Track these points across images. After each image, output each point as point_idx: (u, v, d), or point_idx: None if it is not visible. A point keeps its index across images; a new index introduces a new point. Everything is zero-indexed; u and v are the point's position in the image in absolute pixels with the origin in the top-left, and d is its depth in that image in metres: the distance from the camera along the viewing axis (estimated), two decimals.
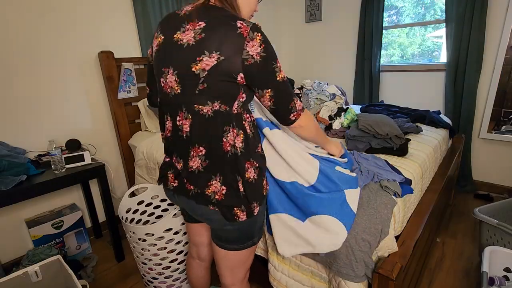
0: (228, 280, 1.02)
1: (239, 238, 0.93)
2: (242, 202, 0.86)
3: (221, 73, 0.74)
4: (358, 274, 0.96)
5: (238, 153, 0.83)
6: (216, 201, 0.85)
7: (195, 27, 0.76)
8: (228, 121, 0.80)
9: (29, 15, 1.69)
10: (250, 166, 0.86)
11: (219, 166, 0.83)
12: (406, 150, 1.50)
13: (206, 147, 0.82)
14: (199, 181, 0.85)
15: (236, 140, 0.82)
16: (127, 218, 1.56)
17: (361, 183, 1.13)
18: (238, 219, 0.86)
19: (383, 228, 1.01)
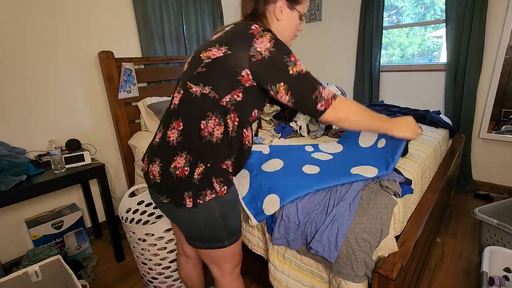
0: (216, 273, 1.03)
1: (201, 237, 0.91)
2: (192, 188, 0.84)
3: (223, 65, 0.78)
4: (359, 274, 0.96)
5: (213, 142, 0.84)
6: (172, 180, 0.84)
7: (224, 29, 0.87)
8: (213, 108, 0.82)
9: (29, 15, 1.69)
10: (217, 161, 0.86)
11: (190, 145, 0.84)
12: (406, 150, 1.50)
13: (184, 124, 0.84)
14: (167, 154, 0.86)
15: (216, 130, 0.83)
16: (127, 218, 1.56)
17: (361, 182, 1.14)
18: (185, 204, 0.84)
19: (383, 228, 1.01)
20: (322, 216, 1.04)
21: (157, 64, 2.32)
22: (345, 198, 1.06)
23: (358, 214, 1.02)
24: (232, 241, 0.96)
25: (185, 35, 2.48)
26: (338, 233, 0.97)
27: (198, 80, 0.82)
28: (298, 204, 1.09)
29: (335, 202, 1.06)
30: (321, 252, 0.98)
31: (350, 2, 2.93)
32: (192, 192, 0.84)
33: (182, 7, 2.42)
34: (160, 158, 0.87)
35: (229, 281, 1.03)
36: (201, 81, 0.81)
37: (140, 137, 2.10)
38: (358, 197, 1.08)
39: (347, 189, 1.11)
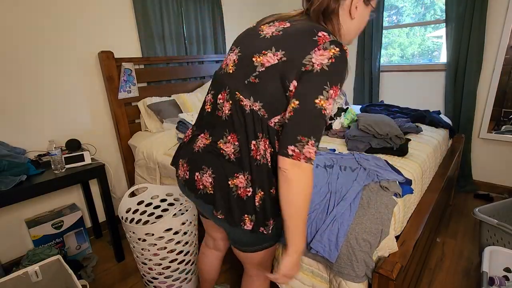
0: (253, 271, 1.00)
1: (250, 242, 0.88)
2: (255, 213, 0.78)
3: (276, 75, 0.68)
4: (359, 274, 0.96)
5: (268, 165, 0.76)
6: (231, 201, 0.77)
7: (280, 25, 0.74)
8: (262, 128, 0.73)
9: (29, 15, 1.69)
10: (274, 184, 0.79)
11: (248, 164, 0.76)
12: (406, 150, 1.50)
13: (240, 141, 0.75)
14: (225, 169, 0.78)
15: (266, 153, 0.76)
16: (127, 218, 1.56)
17: (361, 183, 1.14)
18: (244, 226, 0.79)
19: (384, 228, 1.01)
20: (322, 216, 1.04)
21: (157, 64, 2.32)
22: (346, 198, 1.06)
23: (359, 214, 1.03)
24: (273, 242, 0.92)
25: (185, 35, 2.48)
26: (339, 233, 0.97)
27: (248, 92, 0.72)
28: None
29: (336, 202, 1.06)
30: (321, 252, 0.98)
31: None
32: (256, 216, 0.78)
33: (182, 7, 2.41)
34: (212, 169, 0.79)
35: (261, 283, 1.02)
36: (252, 94, 0.71)
37: (140, 137, 2.10)
38: (359, 197, 1.08)
39: (347, 189, 1.11)
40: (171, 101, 2.25)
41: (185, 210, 1.54)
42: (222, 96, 0.78)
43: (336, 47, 0.66)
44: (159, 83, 2.36)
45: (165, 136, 1.93)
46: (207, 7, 2.60)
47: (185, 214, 1.41)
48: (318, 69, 0.64)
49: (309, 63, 0.65)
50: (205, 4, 2.58)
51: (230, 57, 0.79)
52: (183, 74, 2.47)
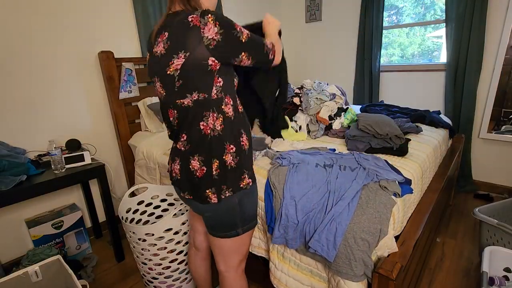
0: (222, 266, 1.06)
1: (220, 225, 0.97)
2: (213, 185, 0.90)
3: (191, 66, 0.81)
4: (357, 273, 0.96)
5: (217, 135, 0.89)
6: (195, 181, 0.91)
7: (163, 38, 0.85)
8: (208, 107, 0.87)
9: (29, 15, 1.69)
10: (228, 151, 0.91)
11: (198, 148, 0.90)
12: (406, 150, 1.50)
13: (186, 134, 0.91)
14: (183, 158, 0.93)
15: (216, 123, 0.88)
16: (127, 218, 1.56)
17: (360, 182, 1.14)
18: (211, 201, 0.91)
19: (382, 228, 1.01)
20: (321, 215, 1.04)
21: None
22: (344, 197, 1.06)
23: (357, 214, 1.03)
24: (246, 229, 1.00)
25: None
26: (337, 232, 0.98)
27: (183, 94, 0.86)
28: (297, 204, 1.09)
29: (334, 201, 1.07)
30: (319, 251, 0.98)
31: (350, 2, 2.93)
32: (215, 188, 0.91)
33: None
34: (179, 158, 0.95)
35: (233, 276, 1.06)
36: (186, 93, 0.85)
37: (140, 137, 2.10)
38: (357, 196, 1.08)
39: (346, 188, 1.11)
40: None
41: (185, 210, 1.54)
42: (170, 114, 0.94)
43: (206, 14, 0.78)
44: None
45: (165, 136, 1.93)
46: None
47: (185, 214, 1.41)
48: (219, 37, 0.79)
49: (209, 40, 0.79)
50: None
51: (157, 86, 0.93)
52: None
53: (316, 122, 1.91)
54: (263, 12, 3.21)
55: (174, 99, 0.88)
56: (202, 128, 0.88)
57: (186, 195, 0.96)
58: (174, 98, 0.88)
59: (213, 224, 0.99)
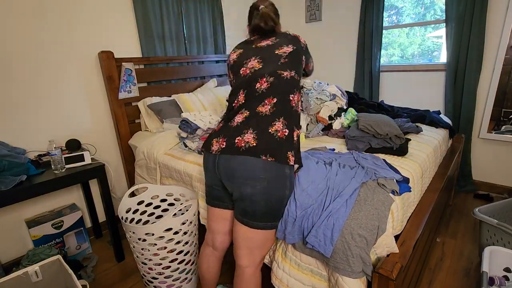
0: (245, 261, 1.08)
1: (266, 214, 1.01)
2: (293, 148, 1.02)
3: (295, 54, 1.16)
4: (355, 269, 0.96)
5: (298, 111, 1.11)
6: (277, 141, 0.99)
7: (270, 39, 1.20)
8: (296, 86, 1.12)
9: (29, 15, 1.69)
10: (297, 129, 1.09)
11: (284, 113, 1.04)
12: (406, 150, 1.50)
13: (278, 98, 1.06)
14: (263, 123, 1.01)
15: (298, 102, 1.12)
16: (127, 218, 1.56)
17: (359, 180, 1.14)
18: (289, 162, 0.99)
19: (380, 225, 1.01)
20: (318, 211, 1.04)
21: (157, 64, 2.32)
22: (343, 194, 1.07)
23: (355, 210, 1.03)
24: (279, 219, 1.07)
25: (185, 35, 2.48)
26: (334, 228, 0.98)
27: (286, 67, 1.11)
28: (296, 199, 1.10)
29: (333, 198, 1.07)
30: (316, 246, 0.98)
31: (350, 2, 2.93)
32: (294, 151, 1.02)
33: (182, 7, 2.42)
34: (252, 128, 1.01)
35: (253, 271, 1.09)
36: (287, 68, 1.11)
37: (140, 137, 2.10)
38: (356, 194, 1.08)
39: (345, 186, 1.11)
40: (171, 101, 2.25)
41: (185, 210, 1.54)
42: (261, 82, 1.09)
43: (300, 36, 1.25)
44: (159, 83, 2.36)
45: (165, 136, 1.93)
46: (207, 7, 2.60)
47: (185, 214, 1.41)
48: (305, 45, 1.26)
49: (303, 45, 1.23)
50: (205, 4, 2.58)
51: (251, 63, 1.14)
52: (183, 74, 2.47)
53: (316, 122, 1.91)
54: None
55: (276, 69, 1.09)
56: (291, 99, 1.08)
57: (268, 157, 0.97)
58: (275, 69, 1.09)
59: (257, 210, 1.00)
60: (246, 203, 1.01)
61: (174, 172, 1.70)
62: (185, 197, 1.66)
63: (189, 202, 1.40)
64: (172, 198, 1.71)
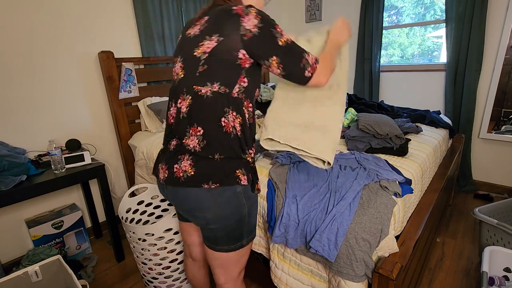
0: (221, 279, 1.00)
1: (226, 238, 0.91)
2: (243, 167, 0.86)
3: (221, 53, 0.78)
4: (358, 273, 0.96)
5: (239, 135, 0.85)
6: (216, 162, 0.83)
7: (201, 22, 0.84)
8: (227, 103, 0.82)
9: (29, 15, 1.69)
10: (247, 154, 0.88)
11: (218, 147, 0.83)
12: (406, 150, 1.50)
13: (204, 127, 0.83)
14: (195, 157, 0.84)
15: (235, 123, 0.84)
16: (127, 218, 1.56)
17: (361, 182, 1.14)
18: (240, 182, 0.85)
19: (383, 228, 1.01)
20: (322, 215, 1.04)
21: (157, 64, 2.32)
22: (345, 197, 1.06)
23: (358, 214, 1.03)
24: (249, 239, 0.97)
25: None
26: (338, 232, 0.98)
27: (203, 80, 0.81)
28: (298, 203, 1.09)
29: (335, 201, 1.06)
30: (320, 251, 0.98)
31: (350, 2, 2.93)
32: (246, 168, 0.86)
33: (182, 7, 2.42)
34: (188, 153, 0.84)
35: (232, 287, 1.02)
36: (207, 80, 0.80)
37: (140, 137, 2.10)
38: (358, 196, 1.08)
39: (347, 188, 1.11)
40: None
41: None
42: (181, 99, 0.86)
43: (251, 7, 0.79)
44: (159, 83, 2.36)
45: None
46: None
47: None
48: (256, 30, 0.77)
49: (246, 31, 0.76)
50: (205, 4, 2.58)
51: (176, 67, 0.88)
52: None
53: None
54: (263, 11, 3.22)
55: (192, 84, 0.82)
56: (224, 125, 0.82)
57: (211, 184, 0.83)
58: (191, 83, 0.82)
59: (218, 239, 0.91)
60: (204, 231, 0.93)
61: None
62: None
63: None
64: None
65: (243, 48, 0.78)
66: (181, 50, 0.87)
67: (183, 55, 0.85)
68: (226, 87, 0.81)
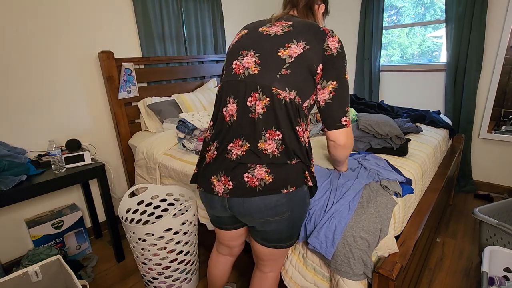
0: (268, 268, 1.05)
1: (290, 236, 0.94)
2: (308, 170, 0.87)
3: (305, 62, 0.79)
4: (356, 272, 0.96)
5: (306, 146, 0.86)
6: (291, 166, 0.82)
7: (282, 24, 0.84)
8: (299, 114, 0.82)
9: (29, 15, 1.69)
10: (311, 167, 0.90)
11: (294, 153, 0.82)
12: (406, 150, 1.50)
13: (283, 132, 0.81)
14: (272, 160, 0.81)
15: (305, 134, 0.86)
16: (127, 218, 1.56)
17: (362, 182, 1.14)
18: (308, 183, 0.87)
19: (383, 228, 1.01)
20: (321, 212, 1.04)
21: (157, 64, 2.32)
22: (345, 196, 1.06)
23: (357, 213, 1.03)
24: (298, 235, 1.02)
25: (185, 35, 2.48)
26: (336, 230, 0.98)
27: (283, 84, 0.79)
28: None
29: (335, 199, 1.07)
30: (318, 248, 0.98)
31: (350, 2, 2.93)
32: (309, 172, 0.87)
33: (182, 7, 2.42)
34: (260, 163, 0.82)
35: (276, 275, 1.07)
36: (286, 86, 0.79)
37: (140, 137, 2.10)
38: (358, 196, 1.08)
39: (348, 187, 1.11)
40: (171, 101, 2.25)
41: (185, 210, 1.55)
42: (253, 97, 0.81)
43: (334, 33, 0.83)
44: (159, 83, 2.36)
45: (165, 136, 1.93)
46: (207, 7, 2.60)
47: (185, 214, 1.41)
48: (335, 52, 0.81)
49: (328, 48, 0.80)
50: (205, 4, 2.58)
51: (246, 60, 0.83)
52: (183, 74, 2.47)
53: (316, 122, 1.91)
54: (264, 11, 3.22)
55: (270, 85, 0.79)
56: (298, 133, 0.82)
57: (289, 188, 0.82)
58: (270, 83, 0.79)
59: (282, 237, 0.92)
60: (269, 234, 0.91)
61: (172, 172, 1.70)
62: (184, 197, 1.66)
63: (188, 202, 1.40)
64: (172, 198, 1.71)
65: (321, 63, 0.80)
66: (255, 45, 0.83)
67: (261, 50, 0.81)
68: (300, 98, 0.81)
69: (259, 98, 0.80)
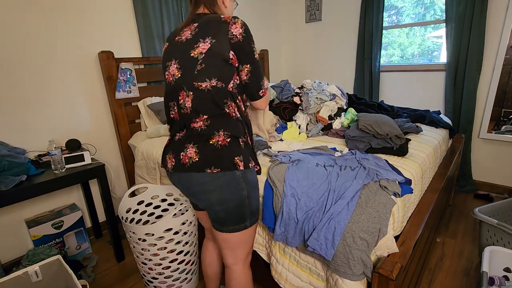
0: (230, 260, 1.08)
1: (230, 218, 0.98)
2: (240, 153, 0.95)
3: (215, 54, 0.89)
4: (355, 272, 0.96)
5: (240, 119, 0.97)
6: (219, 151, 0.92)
7: (190, 28, 0.95)
8: (226, 95, 0.94)
9: (29, 15, 1.69)
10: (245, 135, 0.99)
11: (223, 125, 0.93)
12: (406, 150, 1.50)
13: (209, 114, 0.93)
14: (202, 137, 0.93)
15: (235, 111, 0.97)
16: (127, 218, 1.56)
17: (361, 182, 1.14)
18: (238, 167, 0.94)
19: (382, 228, 1.01)
20: (320, 214, 1.04)
21: (157, 64, 2.32)
22: (344, 196, 1.06)
23: (356, 213, 1.03)
24: (252, 221, 1.04)
25: None
26: (335, 231, 0.98)
27: (202, 77, 0.91)
28: (298, 202, 1.10)
29: (334, 200, 1.07)
30: (318, 250, 0.98)
31: (350, 2, 2.93)
32: (243, 156, 0.95)
33: (182, 7, 2.42)
34: (193, 141, 0.94)
35: (240, 268, 1.09)
36: (205, 77, 0.90)
37: (140, 137, 2.10)
38: (357, 196, 1.08)
39: (346, 188, 1.11)
40: None
41: (185, 210, 1.55)
42: (182, 96, 0.95)
43: (237, 19, 0.91)
44: (159, 83, 2.36)
45: (165, 136, 1.93)
46: None
47: (185, 214, 1.41)
48: (240, 37, 0.90)
49: (233, 36, 0.90)
50: None
51: (171, 69, 0.97)
52: None
53: (316, 122, 1.91)
54: (263, 11, 3.22)
55: (191, 81, 0.92)
56: (226, 112, 0.94)
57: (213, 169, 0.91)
58: (191, 80, 0.92)
59: (221, 217, 0.98)
60: (209, 213, 1.01)
61: None
62: (184, 197, 1.66)
63: (188, 202, 1.40)
64: (172, 198, 1.71)
65: (231, 50, 0.90)
66: (174, 54, 0.96)
67: (178, 57, 0.94)
68: (223, 82, 0.92)
69: (187, 95, 0.93)
